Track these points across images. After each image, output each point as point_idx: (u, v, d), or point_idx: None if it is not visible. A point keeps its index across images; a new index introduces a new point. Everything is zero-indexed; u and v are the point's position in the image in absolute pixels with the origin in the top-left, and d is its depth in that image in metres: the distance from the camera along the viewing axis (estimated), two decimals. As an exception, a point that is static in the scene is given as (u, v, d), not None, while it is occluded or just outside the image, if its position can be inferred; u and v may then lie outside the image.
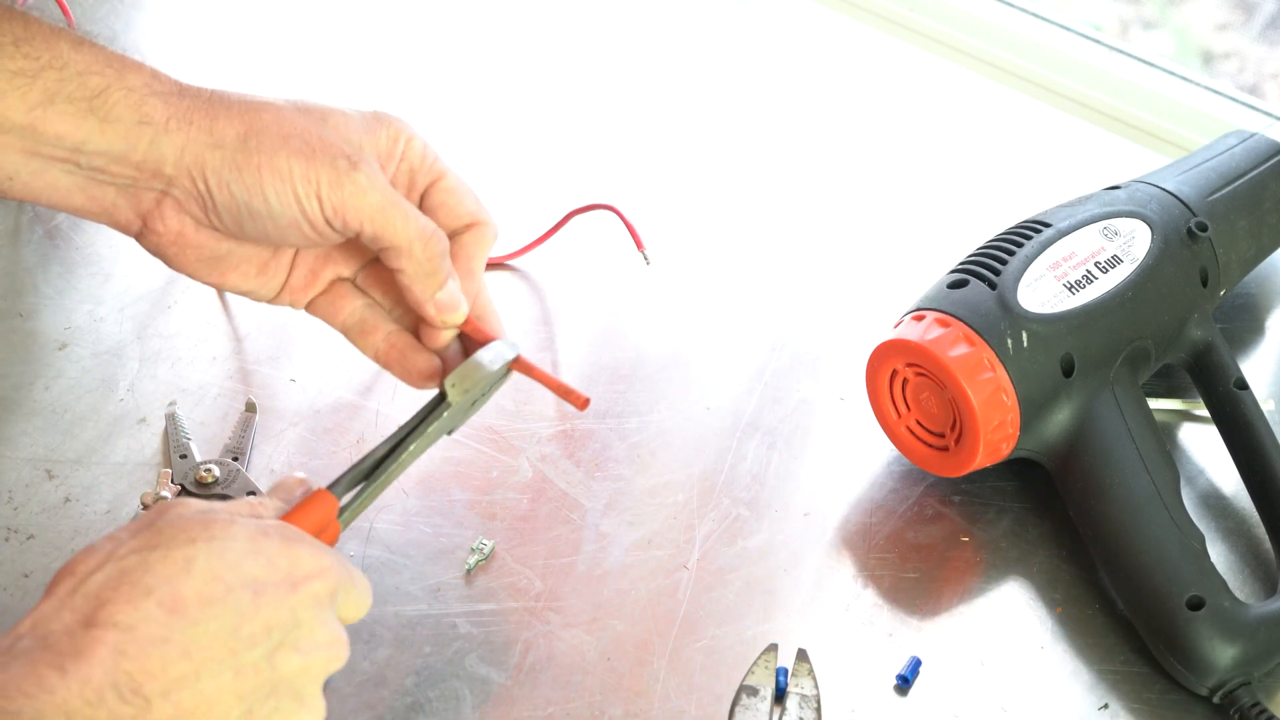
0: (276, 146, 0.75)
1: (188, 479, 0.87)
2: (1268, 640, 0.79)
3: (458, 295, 0.78)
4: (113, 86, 0.74)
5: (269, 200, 0.75)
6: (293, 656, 0.66)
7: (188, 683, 0.63)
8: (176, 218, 0.77)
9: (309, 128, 0.76)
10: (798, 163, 1.11)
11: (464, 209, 0.80)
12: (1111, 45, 1.18)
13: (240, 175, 0.75)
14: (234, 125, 0.75)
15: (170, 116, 0.75)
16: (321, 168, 0.75)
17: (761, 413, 0.93)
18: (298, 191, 0.75)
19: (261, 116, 0.75)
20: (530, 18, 1.22)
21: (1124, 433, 0.84)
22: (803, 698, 0.79)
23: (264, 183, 0.75)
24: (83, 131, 0.74)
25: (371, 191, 0.75)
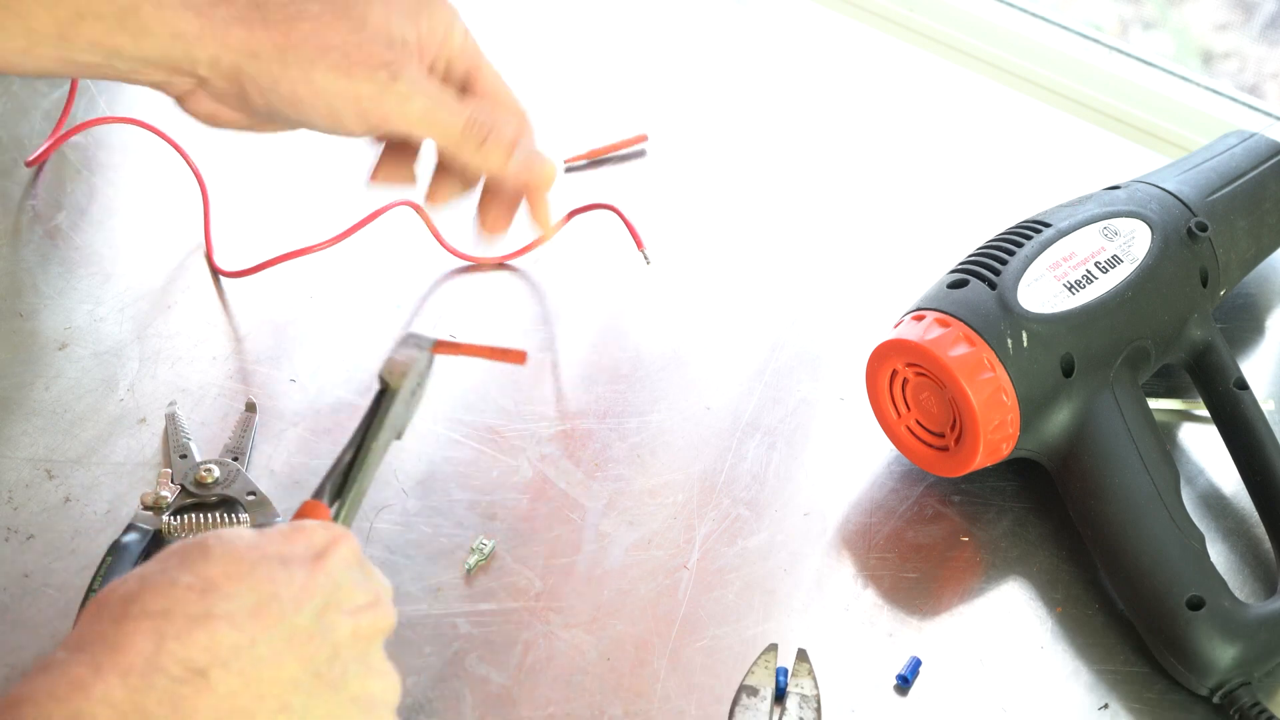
0: (314, 60, 0.75)
1: (188, 479, 0.87)
2: (1268, 640, 0.79)
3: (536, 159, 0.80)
4: (143, 2, 0.74)
5: (305, 114, 0.77)
6: (342, 619, 0.63)
7: (244, 650, 0.60)
8: (209, 103, 0.78)
9: (348, 37, 0.76)
10: (798, 163, 1.11)
11: (500, 100, 0.81)
12: (1111, 45, 1.18)
13: (276, 87, 0.76)
14: (271, 36, 0.75)
15: (204, 29, 0.75)
16: (360, 82, 0.76)
17: (761, 413, 0.93)
18: (335, 107, 0.76)
19: (300, 27, 0.76)
20: (530, 17, 1.22)
21: (1124, 433, 0.84)
22: (803, 698, 0.79)
23: (300, 98, 0.76)
24: (114, 41, 0.74)
25: (414, 98, 0.77)
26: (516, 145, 0.79)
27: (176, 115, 0.80)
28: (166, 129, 1.04)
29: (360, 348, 0.96)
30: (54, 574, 0.83)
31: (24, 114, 1.09)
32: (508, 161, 0.79)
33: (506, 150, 0.79)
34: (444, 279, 1.00)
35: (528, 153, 0.80)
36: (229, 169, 1.04)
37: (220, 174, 1.04)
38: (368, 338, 0.96)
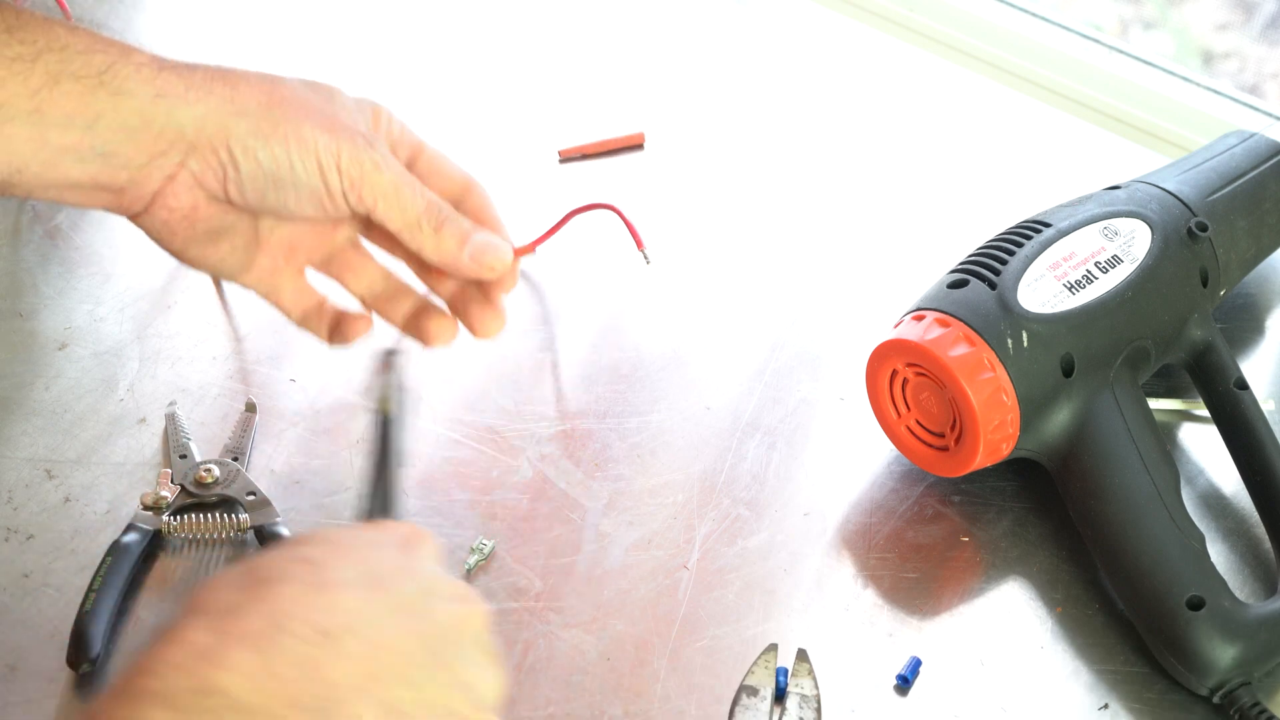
0: (301, 118, 0.75)
1: (188, 479, 0.87)
2: (1268, 640, 0.79)
3: (489, 242, 0.79)
4: (119, 63, 0.73)
5: (295, 168, 0.75)
6: (442, 604, 0.62)
7: (365, 615, 0.59)
8: (190, 193, 0.76)
9: (323, 105, 0.77)
10: (798, 163, 1.11)
11: (448, 172, 0.81)
12: (1111, 45, 1.18)
13: (268, 143, 0.74)
14: (255, 95, 0.75)
15: (188, 87, 0.74)
16: (343, 141, 0.75)
17: (761, 413, 0.93)
18: (322, 161, 0.75)
19: (279, 89, 0.76)
20: (530, 16, 1.22)
21: (1124, 433, 0.84)
22: (803, 698, 0.79)
23: (290, 150, 0.75)
24: (94, 108, 0.72)
25: (386, 169, 0.76)
26: (470, 237, 0.79)
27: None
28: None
29: (360, 348, 0.96)
30: (54, 574, 0.83)
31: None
32: (462, 249, 0.79)
33: (461, 238, 0.78)
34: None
35: (481, 243, 0.79)
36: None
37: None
38: (368, 338, 0.96)
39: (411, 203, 0.77)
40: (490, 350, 0.96)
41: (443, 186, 0.81)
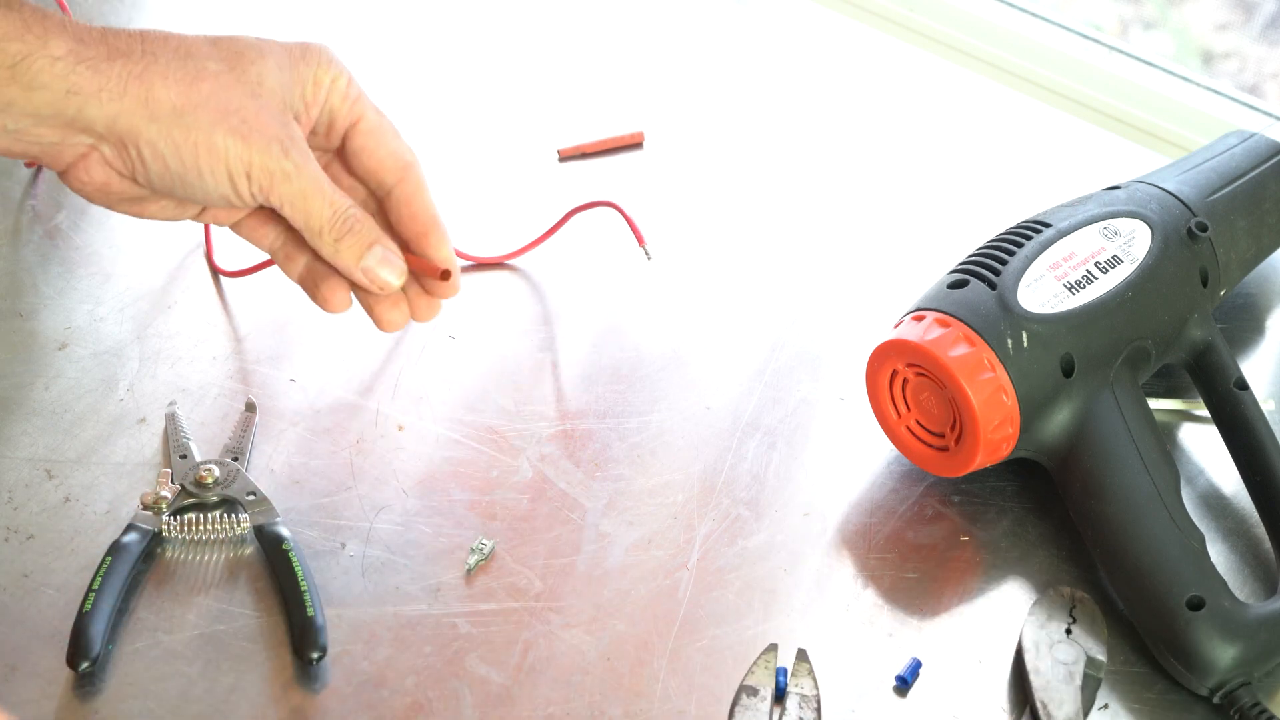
0: (214, 122, 0.75)
1: (188, 479, 0.87)
2: (1268, 640, 0.79)
3: (385, 262, 0.80)
4: (35, 54, 0.73)
5: (203, 174, 0.76)
6: None
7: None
8: (102, 170, 0.77)
9: (246, 101, 0.76)
10: (798, 162, 1.11)
11: (385, 150, 0.81)
12: (1111, 45, 1.18)
13: (177, 150, 0.75)
14: (170, 95, 0.75)
15: (101, 87, 0.74)
16: (255, 151, 0.76)
17: (761, 413, 0.93)
18: (231, 169, 0.76)
19: (199, 87, 0.76)
20: (530, 16, 1.22)
21: (1124, 433, 0.84)
22: (803, 698, 0.79)
23: (199, 159, 0.75)
24: (5, 95, 0.73)
25: (297, 178, 0.77)
26: (370, 250, 0.79)
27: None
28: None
29: (360, 348, 0.96)
30: (54, 574, 0.83)
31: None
32: (356, 264, 0.79)
33: (358, 253, 0.79)
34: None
35: (378, 260, 0.80)
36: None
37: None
38: (368, 338, 0.96)
39: (318, 211, 0.78)
40: (490, 350, 0.96)
41: (375, 166, 0.81)
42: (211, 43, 0.78)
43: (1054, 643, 0.80)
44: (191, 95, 0.75)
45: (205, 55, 0.77)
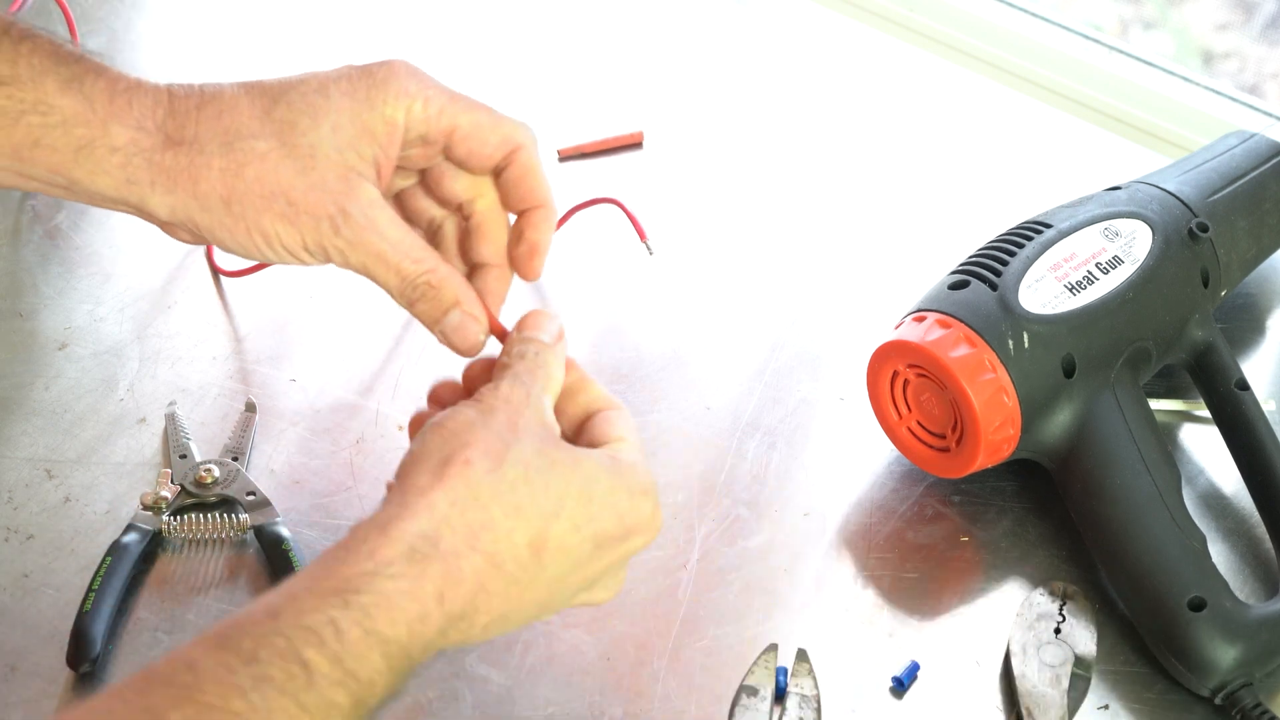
0: (261, 210, 0.75)
1: (188, 479, 0.87)
2: (1269, 641, 0.79)
3: (462, 328, 0.77)
4: (97, 142, 0.74)
5: (263, 253, 0.76)
6: (584, 594, 0.70)
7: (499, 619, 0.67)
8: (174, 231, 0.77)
9: (295, 180, 0.75)
10: (797, 163, 1.11)
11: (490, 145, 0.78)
12: (1111, 45, 1.18)
13: (232, 235, 0.75)
14: (216, 188, 0.74)
15: (154, 180, 0.75)
16: (305, 232, 0.75)
17: (761, 413, 0.93)
18: (288, 248, 0.76)
19: (244, 174, 0.75)
20: (530, 16, 1.22)
21: (1125, 433, 0.84)
22: (803, 698, 0.79)
23: (254, 242, 0.75)
24: (70, 174, 0.75)
25: (353, 252, 0.76)
26: (450, 311, 0.77)
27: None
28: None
29: (360, 348, 0.96)
30: (54, 574, 0.83)
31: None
32: (434, 327, 0.78)
33: (434, 316, 0.77)
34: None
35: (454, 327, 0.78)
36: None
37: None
38: (368, 338, 0.96)
39: (384, 280, 0.76)
40: (490, 350, 0.96)
41: (484, 159, 0.78)
42: (264, 114, 0.76)
43: (1041, 645, 0.80)
44: (236, 185, 0.75)
45: (253, 134, 0.75)
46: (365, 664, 0.62)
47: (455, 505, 0.65)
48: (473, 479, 0.66)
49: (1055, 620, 0.81)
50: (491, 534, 0.66)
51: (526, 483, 0.67)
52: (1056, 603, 0.82)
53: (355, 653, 0.61)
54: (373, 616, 0.62)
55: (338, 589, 0.62)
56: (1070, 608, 0.81)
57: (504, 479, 0.66)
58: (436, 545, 0.64)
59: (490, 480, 0.66)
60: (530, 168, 0.78)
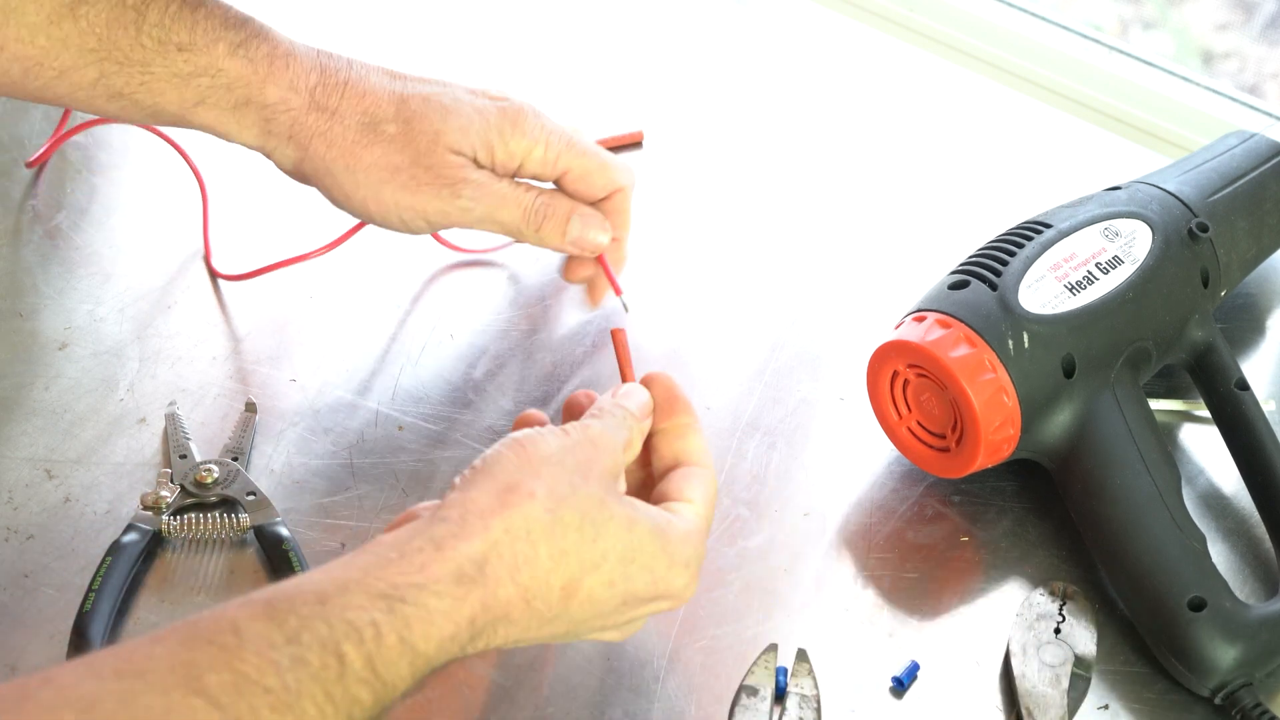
0: (382, 182, 0.86)
1: (188, 479, 0.87)
2: (1269, 641, 0.79)
3: (587, 227, 0.90)
4: (253, 100, 0.85)
5: (375, 216, 0.88)
6: (609, 633, 0.74)
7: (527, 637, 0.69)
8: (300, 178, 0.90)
9: (417, 159, 0.85)
10: (797, 162, 1.11)
11: (596, 188, 0.91)
12: (1111, 45, 1.18)
13: (349, 200, 0.87)
14: (343, 156, 0.85)
15: (292, 135, 0.86)
16: (425, 199, 0.86)
17: (761, 413, 0.93)
18: (404, 218, 0.87)
19: (372, 151, 0.85)
20: (529, 16, 1.22)
21: (1125, 433, 0.84)
22: (803, 698, 0.79)
23: (370, 210, 0.87)
24: (224, 128, 0.87)
25: (475, 209, 0.87)
26: (569, 221, 0.89)
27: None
28: (167, 131, 1.04)
29: (360, 348, 0.96)
30: (54, 574, 0.83)
31: (24, 114, 1.09)
32: (563, 240, 0.90)
33: (560, 231, 0.89)
34: (443, 278, 1.00)
35: (580, 229, 0.90)
36: (229, 170, 1.04)
37: (220, 175, 1.04)
38: (368, 338, 0.96)
39: (509, 218, 0.88)
40: (490, 350, 0.96)
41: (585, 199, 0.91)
42: (400, 101, 0.87)
43: (1041, 645, 0.80)
44: (363, 157, 0.86)
45: (386, 118, 0.86)
46: (394, 670, 0.63)
47: (508, 534, 0.67)
48: (531, 514, 0.67)
49: (1055, 620, 0.81)
50: (531, 571, 0.67)
51: (579, 530, 0.68)
52: (1056, 603, 0.82)
53: (388, 658, 0.62)
54: (412, 628, 0.63)
55: (385, 593, 0.63)
56: (1070, 608, 0.81)
57: (559, 520, 0.68)
58: (483, 570, 0.66)
59: (546, 519, 0.68)
60: (623, 209, 0.93)
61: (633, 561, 0.70)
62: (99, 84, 0.85)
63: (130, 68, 0.84)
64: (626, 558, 0.70)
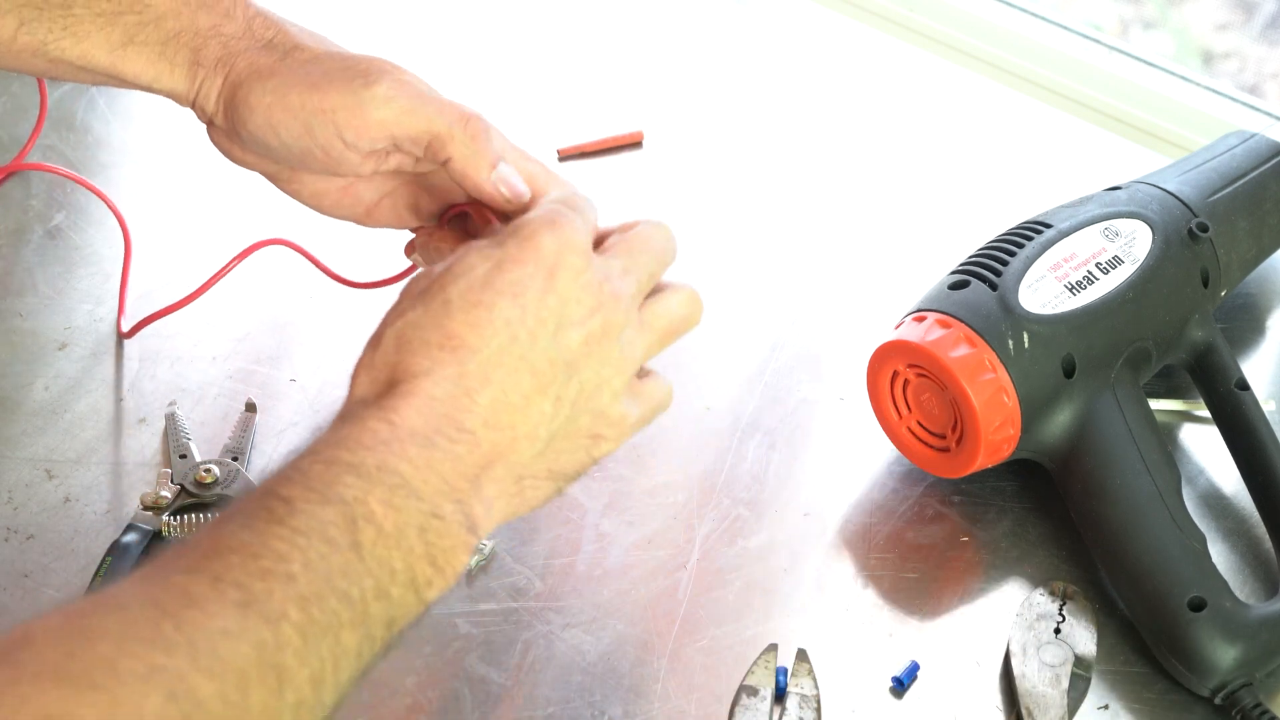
0: (290, 86, 0.78)
1: (188, 479, 0.87)
2: (1269, 641, 0.79)
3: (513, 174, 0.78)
4: (184, 31, 0.80)
5: (279, 132, 0.78)
6: (571, 332, 0.68)
7: (499, 403, 0.66)
8: (222, 139, 0.82)
9: (331, 68, 0.78)
10: (797, 162, 1.11)
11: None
12: (1111, 45, 1.18)
13: (253, 114, 0.78)
14: (262, 69, 0.79)
15: (220, 61, 0.79)
16: (334, 95, 0.77)
17: (761, 413, 0.93)
18: (309, 123, 0.77)
19: (293, 62, 0.79)
20: (529, 16, 1.22)
21: (1125, 433, 0.84)
22: (803, 698, 0.79)
23: (274, 120, 0.77)
24: (153, 73, 0.80)
25: (395, 99, 0.76)
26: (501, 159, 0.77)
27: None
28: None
29: (360, 348, 0.96)
30: (54, 574, 0.83)
31: (24, 114, 1.09)
32: (491, 167, 0.77)
33: (491, 159, 0.77)
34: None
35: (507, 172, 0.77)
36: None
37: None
38: (367, 338, 0.96)
39: (434, 119, 0.77)
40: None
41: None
42: (342, 55, 0.80)
43: (1041, 644, 0.80)
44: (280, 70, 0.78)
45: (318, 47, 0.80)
46: (337, 484, 0.62)
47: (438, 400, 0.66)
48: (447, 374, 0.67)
49: (1055, 620, 0.81)
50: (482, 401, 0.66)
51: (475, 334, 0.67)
52: (1056, 603, 0.82)
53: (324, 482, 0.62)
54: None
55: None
56: (1070, 608, 0.81)
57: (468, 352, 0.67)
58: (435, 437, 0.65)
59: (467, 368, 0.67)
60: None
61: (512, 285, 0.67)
62: (19, 35, 0.79)
63: (50, 10, 0.79)
64: (512, 290, 0.67)
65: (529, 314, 0.67)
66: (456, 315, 0.66)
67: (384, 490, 0.62)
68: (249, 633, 0.57)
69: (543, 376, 0.67)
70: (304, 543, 0.60)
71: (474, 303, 0.67)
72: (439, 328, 0.66)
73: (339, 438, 0.64)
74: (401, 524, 0.62)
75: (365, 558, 0.61)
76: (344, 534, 0.61)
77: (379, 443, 0.63)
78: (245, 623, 0.57)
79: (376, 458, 0.63)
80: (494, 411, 0.66)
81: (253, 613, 0.57)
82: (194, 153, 1.06)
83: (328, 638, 0.59)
